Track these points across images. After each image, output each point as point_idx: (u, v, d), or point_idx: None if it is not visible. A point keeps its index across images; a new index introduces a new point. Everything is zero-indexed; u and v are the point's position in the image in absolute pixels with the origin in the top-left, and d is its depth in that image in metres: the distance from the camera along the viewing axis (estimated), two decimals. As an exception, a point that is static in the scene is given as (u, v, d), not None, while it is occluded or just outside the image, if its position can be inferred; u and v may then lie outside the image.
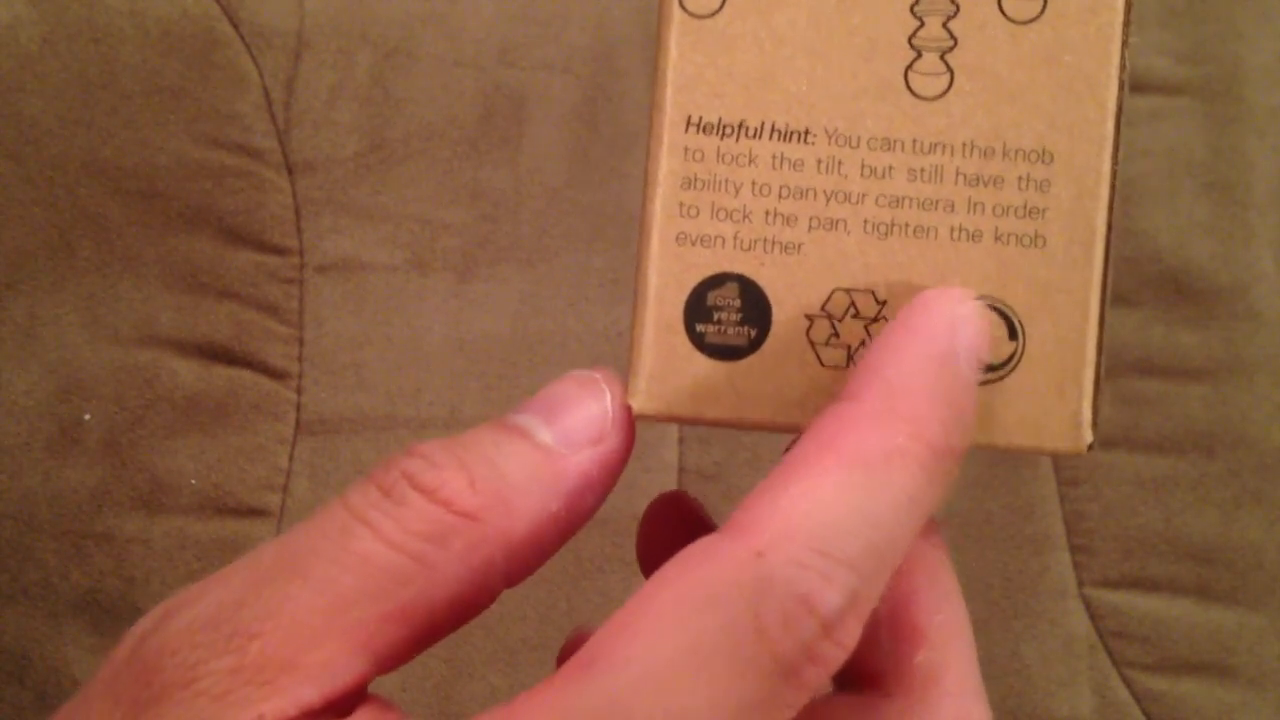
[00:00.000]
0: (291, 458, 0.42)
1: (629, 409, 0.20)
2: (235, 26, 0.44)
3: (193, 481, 0.42)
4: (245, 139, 0.43)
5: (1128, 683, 0.42)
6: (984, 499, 0.43)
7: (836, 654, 0.16)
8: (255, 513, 0.42)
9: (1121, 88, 0.20)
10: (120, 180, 0.43)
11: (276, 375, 0.43)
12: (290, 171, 0.43)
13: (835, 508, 0.17)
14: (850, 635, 0.16)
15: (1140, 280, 0.44)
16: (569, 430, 0.19)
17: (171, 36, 0.43)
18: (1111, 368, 0.43)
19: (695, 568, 0.16)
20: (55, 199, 0.43)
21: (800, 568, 0.16)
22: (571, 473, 0.19)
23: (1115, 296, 0.44)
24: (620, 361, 0.20)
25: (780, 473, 0.17)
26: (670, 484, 0.43)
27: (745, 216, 0.20)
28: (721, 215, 0.20)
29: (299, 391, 0.43)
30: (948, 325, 0.18)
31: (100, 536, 0.42)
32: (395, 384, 0.43)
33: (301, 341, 0.43)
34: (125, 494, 0.42)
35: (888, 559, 0.17)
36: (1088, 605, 0.43)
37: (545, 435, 0.19)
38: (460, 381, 0.43)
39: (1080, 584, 0.43)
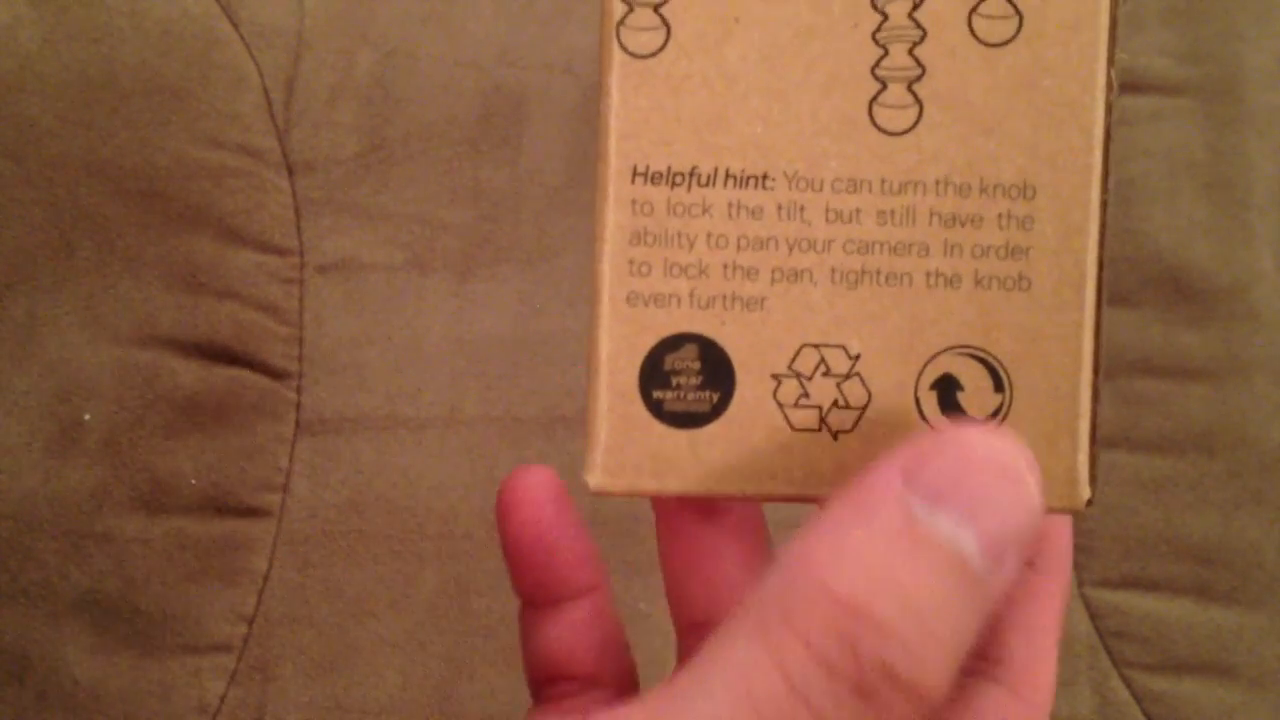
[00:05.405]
0: (291, 458, 0.42)
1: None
2: (235, 26, 0.44)
3: (192, 481, 0.42)
4: (245, 139, 0.43)
5: (1128, 683, 0.42)
6: (984, 499, 0.43)
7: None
8: (255, 513, 0.42)
9: (1108, 112, 0.18)
10: (120, 180, 0.43)
11: (276, 375, 0.43)
12: (290, 171, 0.43)
13: None
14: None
15: (1140, 280, 0.44)
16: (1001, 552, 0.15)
17: (171, 36, 0.43)
18: (1111, 368, 0.43)
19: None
20: (55, 199, 0.43)
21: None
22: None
23: (1115, 296, 0.44)
24: None
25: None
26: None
27: (702, 271, 0.18)
28: (675, 271, 0.18)
29: (299, 391, 0.43)
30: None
31: (100, 536, 0.41)
32: (395, 384, 0.43)
33: (301, 341, 0.43)
34: (125, 494, 0.42)
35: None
36: (1088, 605, 0.43)
37: (977, 562, 0.15)
38: (460, 381, 0.43)
39: (1080, 584, 0.43)
